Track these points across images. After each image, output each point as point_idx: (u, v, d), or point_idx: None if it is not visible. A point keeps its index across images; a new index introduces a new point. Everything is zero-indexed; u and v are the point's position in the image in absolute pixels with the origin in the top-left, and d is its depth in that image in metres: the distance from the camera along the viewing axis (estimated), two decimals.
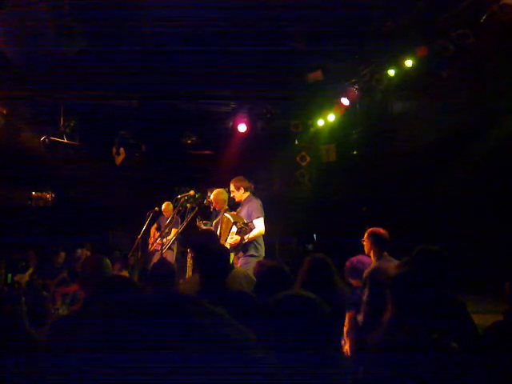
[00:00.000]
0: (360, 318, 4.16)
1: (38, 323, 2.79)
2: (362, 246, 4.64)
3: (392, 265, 4.23)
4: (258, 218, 5.93)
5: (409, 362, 2.12)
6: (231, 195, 6.31)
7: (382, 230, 4.49)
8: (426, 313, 2.31)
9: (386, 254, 4.40)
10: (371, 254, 4.49)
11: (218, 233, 6.14)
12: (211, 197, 6.44)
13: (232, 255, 5.73)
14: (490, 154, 7.82)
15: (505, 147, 7.49)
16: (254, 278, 3.81)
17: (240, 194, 6.20)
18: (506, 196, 7.61)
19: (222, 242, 5.84)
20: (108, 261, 3.05)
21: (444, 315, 2.75)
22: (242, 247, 5.82)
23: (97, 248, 9.58)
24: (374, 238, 4.45)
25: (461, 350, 2.25)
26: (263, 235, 6.03)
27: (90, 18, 5.36)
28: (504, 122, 7.58)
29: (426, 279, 2.50)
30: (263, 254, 5.95)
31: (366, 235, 4.52)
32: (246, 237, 5.69)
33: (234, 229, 5.66)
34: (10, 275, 6.39)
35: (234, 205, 6.45)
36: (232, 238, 5.69)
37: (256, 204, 6.07)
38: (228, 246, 5.65)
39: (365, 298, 4.12)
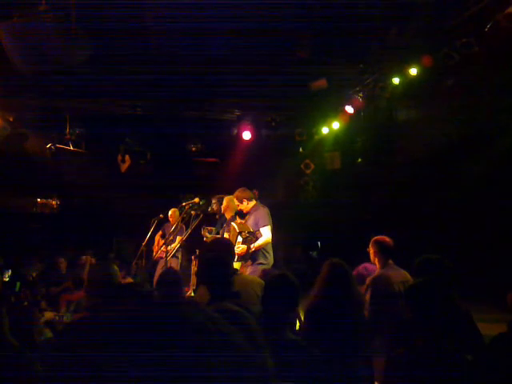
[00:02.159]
0: None
1: (24, 334, 2.75)
2: (367, 253, 4.65)
3: (395, 273, 4.24)
4: (264, 226, 5.95)
5: (425, 373, 2.12)
6: (238, 209, 6.34)
7: (386, 239, 4.51)
8: (440, 324, 2.31)
9: (390, 262, 4.41)
10: (376, 262, 4.50)
11: None
12: (223, 203, 6.47)
13: (239, 264, 5.76)
14: (496, 162, 7.80)
15: (510, 155, 7.48)
16: None
17: (245, 206, 6.22)
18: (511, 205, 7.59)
19: None
20: (116, 268, 3.05)
21: (450, 324, 2.75)
22: (249, 256, 5.84)
23: (100, 255, 9.60)
24: (379, 246, 4.47)
25: (473, 361, 2.25)
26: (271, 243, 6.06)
27: (96, 27, 5.40)
28: (509, 130, 7.57)
29: (438, 290, 2.50)
30: (272, 262, 5.97)
31: (370, 243, 4.54)
32: (252, 246, 5.72)
33: (240, 239, 5.70)
34: (18, 284, 6.38)
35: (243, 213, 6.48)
36: (239, 248, 5.72)
37: (263, 212, 6.09)
38: (236, 256, 5.68)
39: (367, 304, 4.12)
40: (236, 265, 5.69)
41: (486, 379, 2.35)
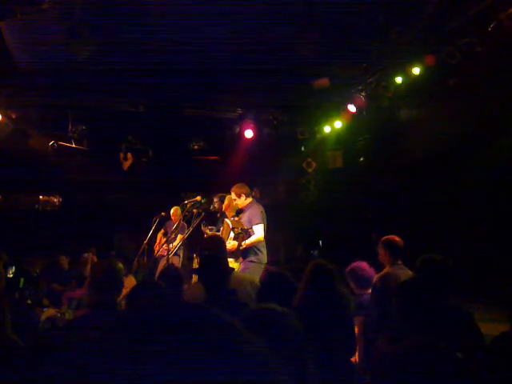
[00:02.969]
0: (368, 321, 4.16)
1: (27, 331, 2.76)
2: (369, 251, 4.65)
3: (403, 272, 4.23)
4: (257, 224, 5.93)
5: (414, 371, 2.12)
6: (233, 203, 6.33)
7: (396, 238, 4.52)
8: (431, 322, 2.31)
9: (399, 262, 4.42)
10: (385, 261, 4.50)
11: None
12: (225, 202, 6.48)
13: (237, 264, 5.76)
14: (499, 162, 7.79)
15: None
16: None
17: (242, 201, 6.22)
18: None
19: None
20: (121, 265, 3.05)
21: (449, 324, 2.75)
22: (240, 253, 5.83)
23: (102, 253, 9.62)
24: (389, 245, 4.48)
25: (466, 359, 2.25)
26: (267, 241, 6.04)
27: (99, 26, 5.41)
28: None
29: (430, 288, 2.50)
30: (265, 260, 5.94)
31: (380, 243, 4.54)
32: (243, 242, 5.71)
33: (232, 234, 5.71)
34: (22, 279, 6.42)
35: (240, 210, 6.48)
36: (229, 243, 5.72)
37: (257, 210, 6.08)
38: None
39: (373, 302, 4.12)
40: (234, 264, 5.70)
41: (488, 379, 2.35)
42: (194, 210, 6.75)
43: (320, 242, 11.28)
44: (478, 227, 8.20)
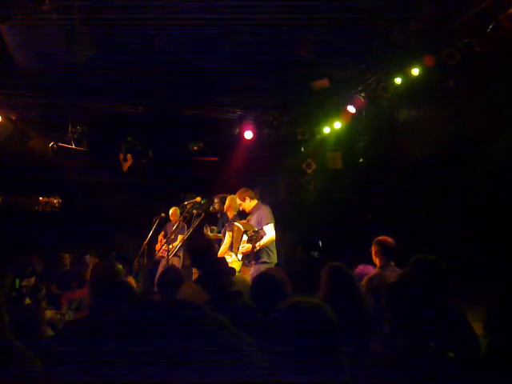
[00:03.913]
0: None
1: (28, 331, 2.75)
2: (369, 253, 4.65)
3: (393, 274, 4.24)
4: (267, 224, 5.98)
5: (405, 371, 2.12)
6: (240, 208, 6.41)
7: (389, 239, 4.52)
8: (422, 322, 2.32)
9: (392, 263, 4.42)
10: (377, 262, 4.51)
11: (229, 241, 6.21)
12: (226, 202, 6.53)
13: (239, 264, 5.78)
14: (497, 164, 7.79)
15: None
16: None
17: (247, 204, 6.28)
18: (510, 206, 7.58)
19: (234, 250, 5.94)
20: (120, 267, 3.06)
21: (442, 324, 2.75)
22: (254, 255, 5.86)
23: (103, 254, 9.62)
24: (381, 246, 4.48)
25: (459, 359, 2.25)
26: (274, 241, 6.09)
27: (99, 27, 5.42)
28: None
29: (423, 288, 2.51)
30: (275, 261, 6.00)
31: (373, 243, 4.55)
32: (257, 244, 5.74)
33: (245, 237, 5.73)
34: (17, 280, 6.44)
35: (243, 213, 6.51)
36: (243, 247, 5.75)
37: (265, 211, 6.14)
38: (240, 255, 5.73)
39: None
40: (236, 265, 5.72)
41: (481, 379, 2.35)
42: (194, 211, 6.77)
43: (320, 243, 11.28)
44: (478, 227, 8.20)
